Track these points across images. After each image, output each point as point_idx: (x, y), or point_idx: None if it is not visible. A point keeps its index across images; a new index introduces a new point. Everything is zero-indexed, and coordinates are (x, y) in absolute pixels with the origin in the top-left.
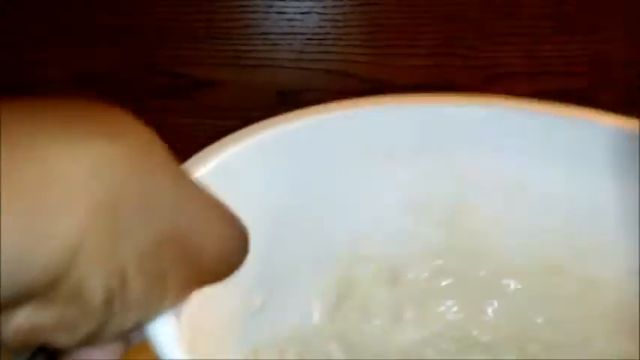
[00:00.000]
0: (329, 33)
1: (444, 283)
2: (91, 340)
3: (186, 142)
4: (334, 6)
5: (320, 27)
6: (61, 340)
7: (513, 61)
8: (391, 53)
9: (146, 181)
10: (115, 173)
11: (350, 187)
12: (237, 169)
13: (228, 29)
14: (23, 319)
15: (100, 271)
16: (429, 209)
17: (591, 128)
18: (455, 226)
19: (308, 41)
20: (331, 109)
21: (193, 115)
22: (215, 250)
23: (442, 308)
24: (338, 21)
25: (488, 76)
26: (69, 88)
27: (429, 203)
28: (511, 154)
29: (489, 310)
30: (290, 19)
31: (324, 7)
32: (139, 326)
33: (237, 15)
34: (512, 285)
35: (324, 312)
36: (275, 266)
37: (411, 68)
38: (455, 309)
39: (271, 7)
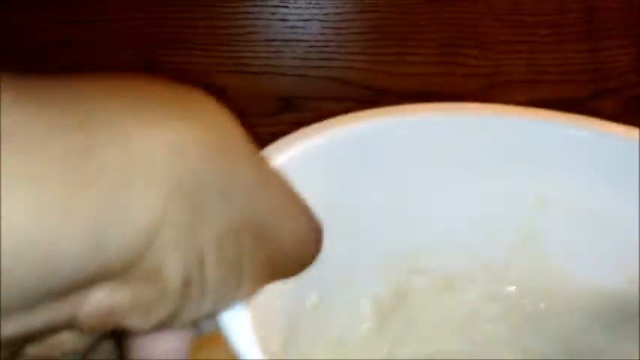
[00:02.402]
0: (331, 40)
1: (496, 308)
2: (166, 324)
3: None
4: (336, 13)
5: (322, 34)
6: (136, 322)
7: (513, 69)
8: (392, 61)
9: (226, 166)
10: (195, 155)
11: (421, 195)
12: (298, 168)
13: (231, 36)
14: (101, 299)
15: (178, 254)
16: (499, 228)
17: None
18: (523, 249)
19: (310, 48)
20: (412, 111)
21: None
22: (290, 243)
23: (490, 332)
24: (340, 28)
25: (488, 84)
26: None
27: (500, 222)
28: (597, 180)
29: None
30: (292, 27)
31: (326, 14)
32: (212, 315)
33: (240, 22)
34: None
35: (374, 319)
36: (332, 268)
37: (411, 76)
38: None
39: (274, 14)
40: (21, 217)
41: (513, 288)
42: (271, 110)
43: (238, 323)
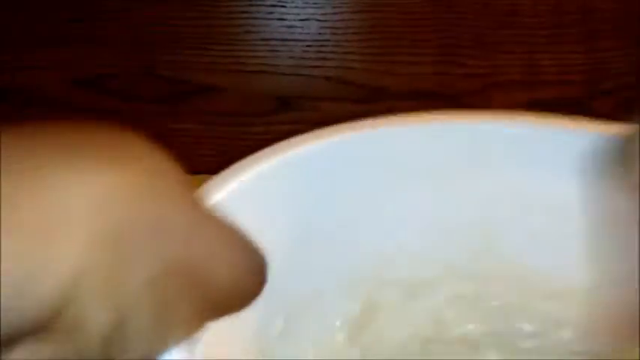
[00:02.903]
0: (329, 40)
1: (469, 307)
2: None
3: (186, 148)
4: (334, 13)
5: (320, 34)
6: None
7: (511, 70)
8: (390, 61)
9: (154, 209)
10: (120, 202)
11: (374, 209)
12: (257, 191)
13: (228, 35)
14: (21, 356)
15: (101, 304)
16: (454, 232)
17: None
18: (482, 248)
19: (308, 48)
20: (353, 129)
21: (193, 120)
22: (229, 281)
23: (465, 331)
24: (338, 28)
25: (485, 84)
26: (68, 92)
27: (454, 226)
28: (539, 173)
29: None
30: (290, 26)
31: (324, 14)
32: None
33: (238, 21)
34: (543, 307)
35: (346, 336)
36: (296, 291)
37: (409, 76)
38: (479, 331)
39: (272, 13)
40: None
41: (479, 289)
42: (268, 110)
43: None
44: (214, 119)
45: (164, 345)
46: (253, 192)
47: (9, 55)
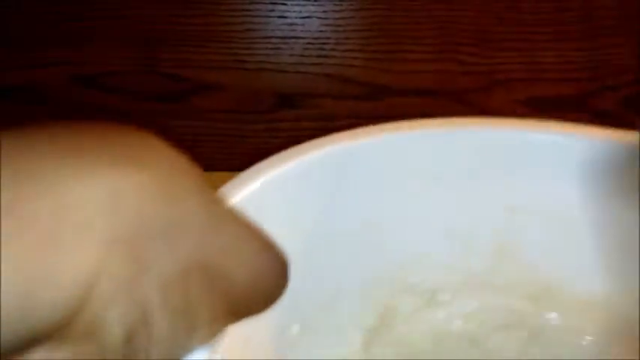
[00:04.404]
0: (329, 37)
1: (487, 316)
2: None
3: (187, 145)
4: (335, 11)
5: (321, 31)
6: None
7: (512, 67)
8: (391, 58)
9: (170, 210)
10: (134, 203)
11: (396, 212)
12: (279, 192)
13: (229, 32)
14: (41, 358)
15: (118, 307)
16: (476, 237)
17: None
18: (502, 255)
19: (309, 45)
20: (378, 132)
21: (194, 118)
22: (250, 281)
23: (482, 338)
24: (338, 25)
25: (487, 81)
26: (69, 90)
27: (476, 231)
28: (562, 182)
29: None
30: (291, 24)
31: (325, 11)
32: None
33: (238, 18)
34: (555, 318)
35: (363, 340)
36: (314, 294)
37: (410, 73)
38: (496, 339)
39: (273, 10)
40: None
41: (497, 296)
42: (269, 107)
43: None
44: (215, 117)
45: (187, 347)
46: (272, 194)
47: (11, 53)
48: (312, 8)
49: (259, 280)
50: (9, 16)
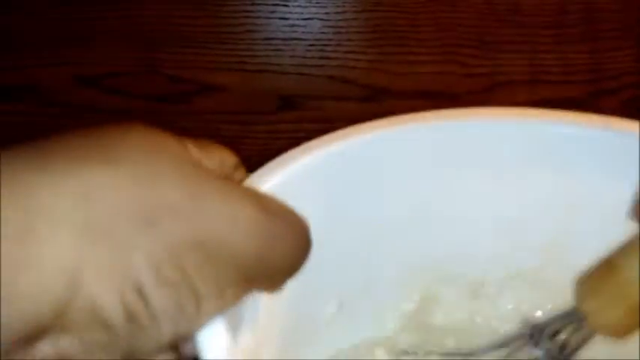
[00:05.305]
0: (331, 39)
1: (526, 315)
2: (131, 357)
3: None
4: (336, 12)
5: (322, 33)
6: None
7: (514, 70)
8: (392, 60)
9: (148, 196)
10: (109, 194)
11: (444, 203)
12: (326, 175)
13: (231, 34)
14: (46, 350)
15: (109, 289)
16: (525, 232)
17: None
18: (551, 253)
19: (310, 47)
20: (434, 118)
21: (195, 119)
22: (253, 249)
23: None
24: (340, 27)
25: (489, 84)
26: (70, 91)
27: (525, 226)
28: (619, 180)
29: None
30: (293, 25)
31: (326, 13)
32: (185, 337)
33: (240, 20)
34: None
35: (398, 326)
36: (356, 277)
37: (412, 75)
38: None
39: (274, 12)
40: None
41: (544, 294)
42: (271, 109)
43: (213, 341)
44: (216, 118)
45: (198, 321)
46: (320, 176)
47: (12, 53)
48: (314, 10)
49: (271, 245)
50: (10, 17)
